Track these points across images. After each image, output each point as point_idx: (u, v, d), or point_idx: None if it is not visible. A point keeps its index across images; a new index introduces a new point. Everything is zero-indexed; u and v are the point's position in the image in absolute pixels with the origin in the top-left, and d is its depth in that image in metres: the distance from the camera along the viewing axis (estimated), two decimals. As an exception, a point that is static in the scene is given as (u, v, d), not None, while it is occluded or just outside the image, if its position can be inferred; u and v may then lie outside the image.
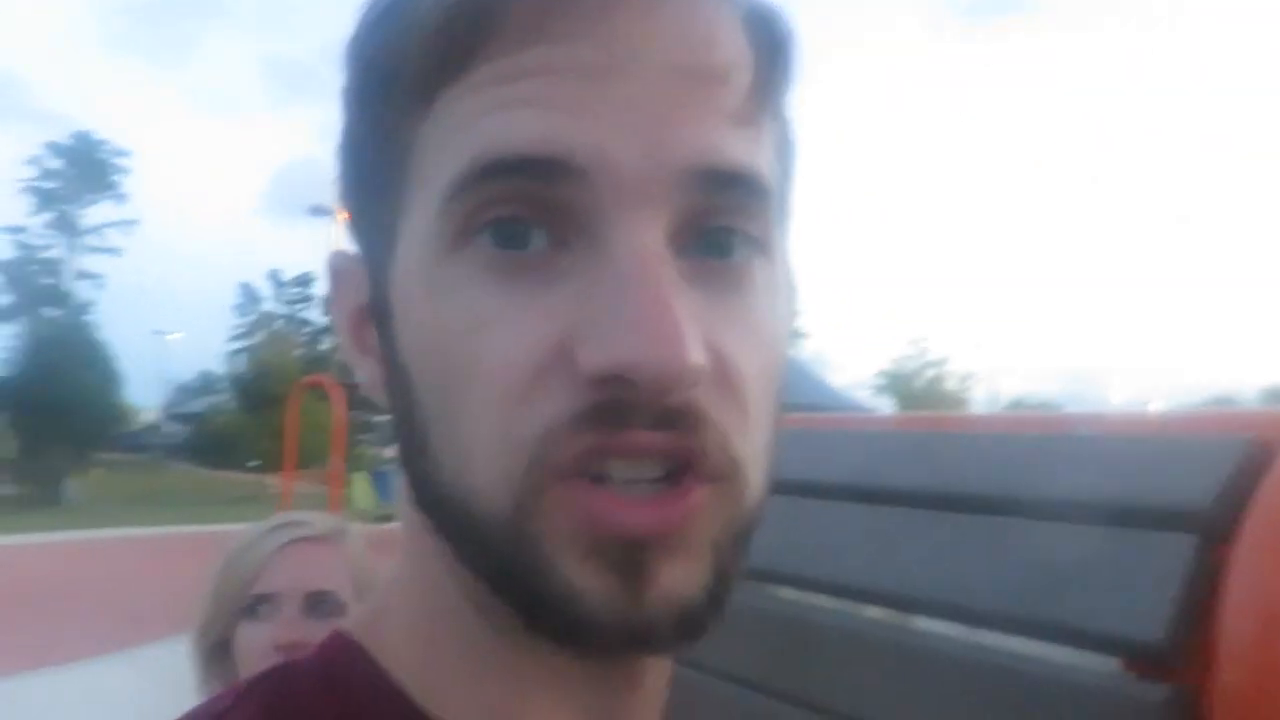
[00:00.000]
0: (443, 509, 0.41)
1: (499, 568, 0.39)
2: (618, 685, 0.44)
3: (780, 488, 1.10)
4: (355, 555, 1.38)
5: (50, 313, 34.34)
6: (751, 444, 0.39)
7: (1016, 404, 47.35)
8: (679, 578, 0.37)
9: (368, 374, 0.46)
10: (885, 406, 42.94)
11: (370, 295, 0.45)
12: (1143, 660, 0.74)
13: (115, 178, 37.90)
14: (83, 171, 36.82)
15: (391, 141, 0.42)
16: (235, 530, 1.54)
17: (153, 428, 49.05)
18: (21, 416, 29.24)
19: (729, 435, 0.38)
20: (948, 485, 0.92)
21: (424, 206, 0.40)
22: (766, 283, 0.41)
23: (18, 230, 35.64)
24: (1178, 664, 0.72)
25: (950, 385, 49.75)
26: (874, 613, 0.94)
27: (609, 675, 0.43)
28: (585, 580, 0.37)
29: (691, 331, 0.36)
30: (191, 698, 1.32)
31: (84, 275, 37.43)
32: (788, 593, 1.09)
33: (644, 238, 0.37)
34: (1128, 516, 0.78)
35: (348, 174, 0.46)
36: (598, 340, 0.36)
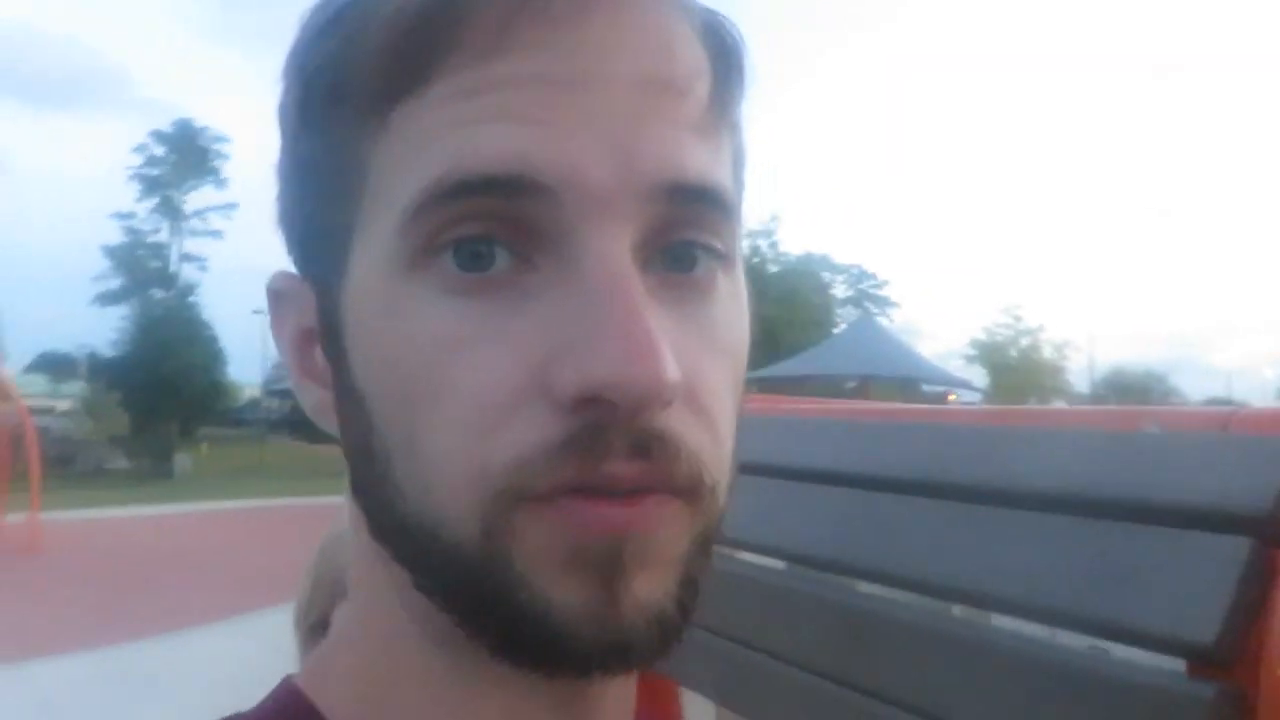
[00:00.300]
0: (406, 538, 0.39)
1: (468, 595, 0.38)
2: (580, 713, 0.42)
3: (849, 480, 1.11)
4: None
5: (158, 294, 35.71)
6: (720, 462, 0.39)
7: (1116, 371, 45.92)
8: (652, 588, 0.37)
9: (314, 399, 0.44)
10: (977, 377, 42.05)
11: (319, 318, 0.43)
12: (1195, 659, 0.76)
13: (215, 163, 39.19)
14: (185, 158, 38.12)
15: (342, 158, 0.40)
16: (335, 503, 1.61)
17: (254, 403, 50.72)
18: (132, 394, 30.57)
19: (700, 458, 0.37)
20: (1008, 481, 0.93)
21: (381, 226, 0.38)
22: (728, 294, 0.41)
23: (127, 216, 37.09)
24: (1230, 664, 0.73)
25: (1046, 354, 48.42)
26: (931, 604, 0.97)
27: (571, 702, 0.42)
28: (562, 593, 0.36)
29: (667, 348, 0.35)
30: (294, 663, 1.40)
31: (188, 258, 38.86)
32: (860, 584, 1.12)
33: (613, 253, 0.36)
34: (1183, 517, 0.79)
35: (290, 192, 0.44)
36: (574, 362, 0.35)
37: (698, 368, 0.38)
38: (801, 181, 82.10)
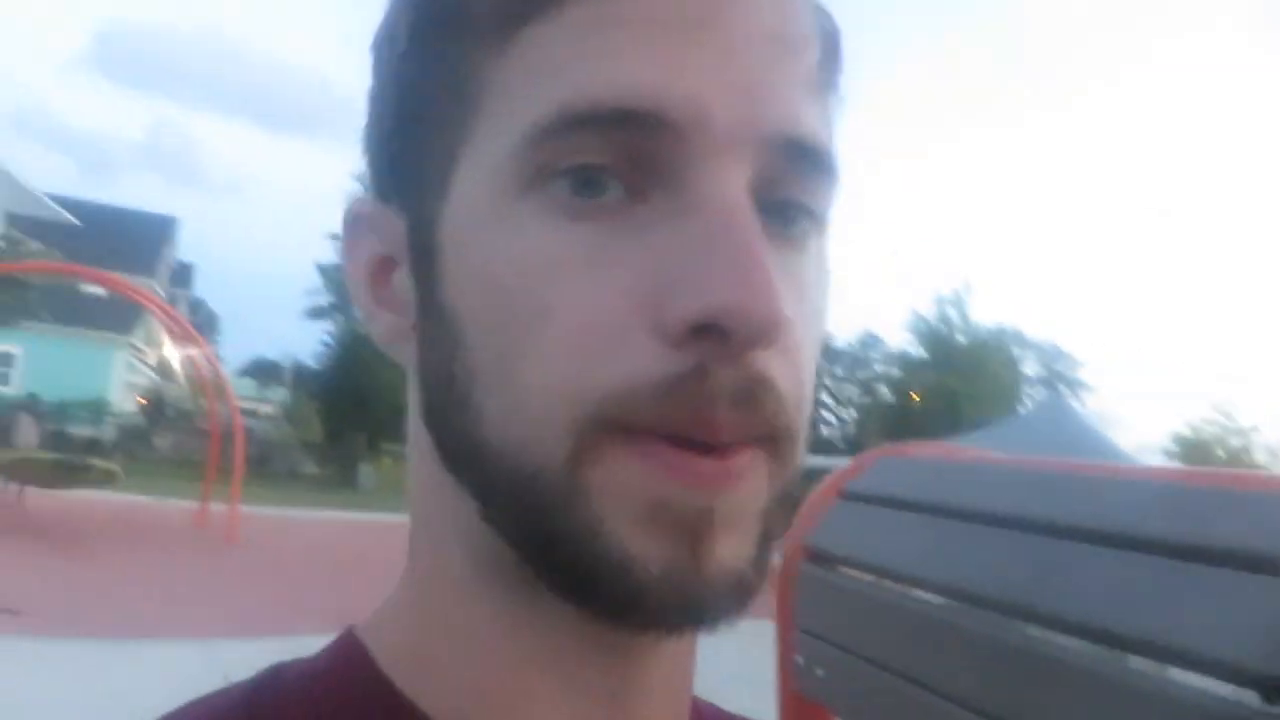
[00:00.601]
0: (481, 464, 0.38)
1: (541, 529, 0.36)
2: (626, 666, 0.41)
3: (1025, 525, 1.12)
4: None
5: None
6: (803, 418, 0.38)
7: (1338, 486, 41.72)
8: (733, 549, 0.36)
9: (385, 326, 0.44)
10: (1176, 474, 39.08)
11: (410, 238, 0.42)
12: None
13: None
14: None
15: (456, 79, 0.39)
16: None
17: (437, 426, 52.75)
18: (328, 405, 32.44)
19: (792, 407, 0.37)
20: (1192, 536, 0.93)
21: (496, 146, 0.38)
22: (818, 258, 0.41)
23: (338, 237, 39.68)
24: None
25: (1259, 458, 44.58)
26: (1104, 654, 0.96)
27: (618, 656, 0.40)
28: (643, 548, 0.35)
29: (781, 285, 0.35)
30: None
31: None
32: (1031, 629, 1.13)
33: (732, 191, 0.36)
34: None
35: (386, 116, 0.43)
36: (691, 290, 0.34)
37: (794, 319, 0.37)
38: (997, 249, 79.39)
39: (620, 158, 0.36)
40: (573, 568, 0.36)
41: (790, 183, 0.39)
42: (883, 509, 1.35)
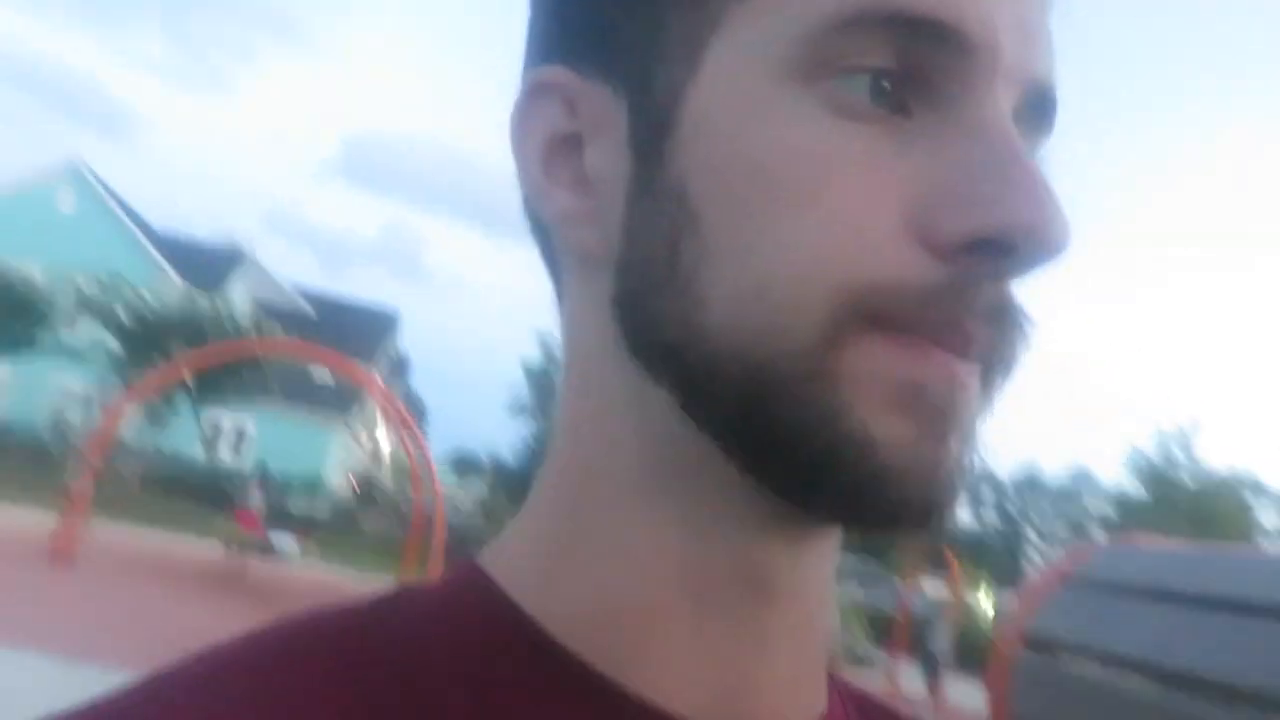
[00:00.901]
0: (698, 350, 0.36)
1: (774, 415, 0.35)
2: (776, 601, 0.39)
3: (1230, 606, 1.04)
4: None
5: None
6: (1023, 354, 0.38)
7: None
8: (960, 449, 0.36)
9: (561, 206, 0.41)
10: None
11: (635, 114, 0.39)
12: None
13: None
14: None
15: None
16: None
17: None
18: (522, 502, 33.30)
19: (1022, 340, 0.37)
20: None
21: (767, 31, 0.36)
22: None
23: (547, 337, 41.13)
24: None
25: None
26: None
27: (769, 590, 0.39)
28: (889, 429, 0.34)
29: None
30: None
31: (590, 385, 42.03)
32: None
33: (1008, 121, 0.36)
34: None
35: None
36: (981, 205, 0.34)
37: None
38: (1233, 390, 73.29)
39: (904, 65, 0.36)
40: (808, 453, 0.35)
41: (1027, 128, 0.39)
42: (1112, 596, 1.28)
